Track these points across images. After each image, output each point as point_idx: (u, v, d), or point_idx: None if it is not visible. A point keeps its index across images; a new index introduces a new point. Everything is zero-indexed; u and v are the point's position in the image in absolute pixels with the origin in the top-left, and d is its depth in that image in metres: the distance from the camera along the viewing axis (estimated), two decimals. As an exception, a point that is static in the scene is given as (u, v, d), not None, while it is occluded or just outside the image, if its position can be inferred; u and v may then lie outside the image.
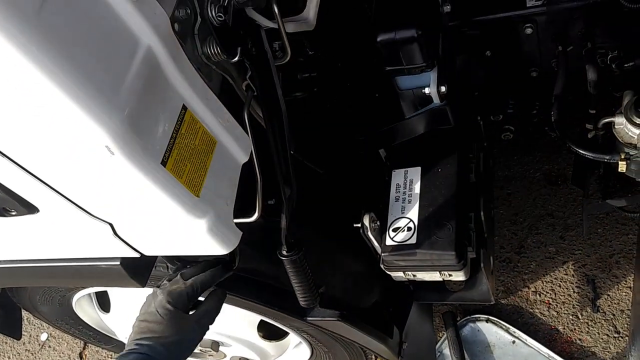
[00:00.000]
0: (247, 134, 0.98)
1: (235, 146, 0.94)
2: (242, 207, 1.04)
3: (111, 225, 0.94)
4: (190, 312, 1.12)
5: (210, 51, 0.90)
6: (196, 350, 2.10)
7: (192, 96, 0.84)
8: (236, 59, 0.95)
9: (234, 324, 1.91)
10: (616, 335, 2.02)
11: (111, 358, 2.82)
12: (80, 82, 0.66)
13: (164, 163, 0.79)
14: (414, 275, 1.57)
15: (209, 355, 2.09)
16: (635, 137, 1.39)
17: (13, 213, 0.92)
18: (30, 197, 0.88)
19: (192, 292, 1.09)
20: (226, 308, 1.60)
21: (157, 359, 1.02)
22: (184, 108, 0.83)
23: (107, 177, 0.77)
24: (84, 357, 2.91)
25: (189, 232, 0.90)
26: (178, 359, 1.06)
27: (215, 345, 2.00)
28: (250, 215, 1.04)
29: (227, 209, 0.95)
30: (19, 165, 0.77)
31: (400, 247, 1.51)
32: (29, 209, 0.90)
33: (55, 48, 0.64)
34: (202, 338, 1.12)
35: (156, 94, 0.77)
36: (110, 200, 0.84)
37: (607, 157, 1.45)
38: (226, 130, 0.92)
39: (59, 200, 0.85)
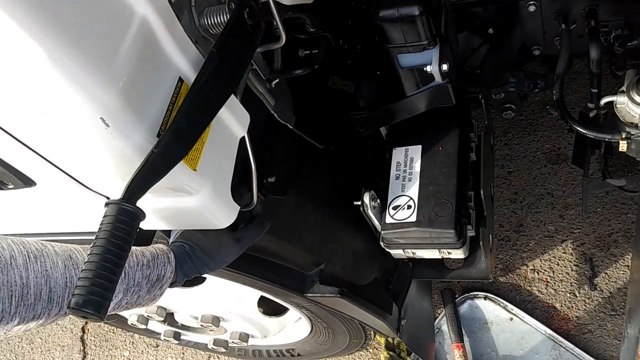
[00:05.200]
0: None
1: (232, 120, 0.94)
2: (242, 182, 1.04)
3: (108, 198, 0.94)
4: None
5: (208, 23, 0.89)
6: (197, 326, 2.13)
7: (189, 68, 0.83)
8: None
9: (235, 299, 1.92)
10: (613, 313, 2.04)
11: (112, 332, 2.86)
12: (74, 54, 0.66)
13: (160, 135, 0.78)
14: (414, 253, 1.58)
15: (210, 331, 2.12)
16: (637, 116, 1.38)
17: (10, 186, 0.92)
18: (26, 170, 0.88)
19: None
20: (227, 284, 1.62)
21: (193, 259, 1.07)
22: (180, 80, 0.82)
23: (103, 150, 0.77)
24: (86, 331, 2.95)
25: (186, 205, 0.91)
26: (208, 268, 1.11)
27: (216, 320, 2.02)
28: (249, 204, 1.06)
29: (224, 182, 0.95)
30: (15, 138, 0.77)
31: (400, 225, 1.51)
32: (26, 182, 0.90)
33: (48, 19, 0.63)
34: (236, 256, 1.17)
35: (151, 65, 0.76)
36: (106, 173, 0.84)
37: (608, 137, 1.44)
38: (223, 103, 0.91)
39: (55, 173, 0.85)
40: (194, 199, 0.90)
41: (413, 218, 1.50)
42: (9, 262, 0.79)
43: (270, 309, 2.01)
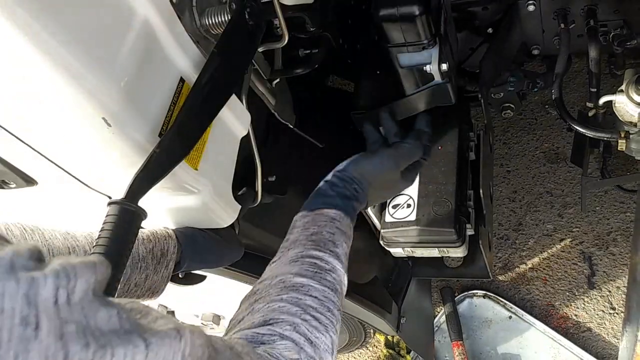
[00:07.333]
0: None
1: (233, 120, 0.94)
2: (242, 181, 1.04)
3: (110, 197, 0.95)
4: None
5: (209, 23, 0.89)
6: (197, 323, 2.13)
7: (190, 68, 0.83)
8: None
9: (235, 298, 1.93)
10: (611, 311, 2.04)
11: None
12: (76, 54, 0.66)
13: (161, 135, 0.79)
14: (413, 252, 1.58)
15: (210, 329, 2.12)
16: (636, 115, 1.38)
17: (12, 185, 0.92)
18: (28, 169, 0.88)
19: None
20: (227, 282, 1.62)
21: (196, 243, 1.05)
22: (182, 80, 0.82)
23: (105, 149, 0.77)
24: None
25: (188, 204, 0.91)
26: (209, 260, 1.10)
27: (217, 318, 2.02)
28: (253, 201, 1.06)
29: (225, 181, 0.95)
30: (17, 137, 0.77)
31: (400, 224, 1.51)
32: (28, 181, 0.90)
33: (49, 18, 0.63)
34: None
35: (153, 65, 0.77)
36: (108, 172, 0.84)
37: (607, 136, 1.45)
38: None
39: (57, 173, 0.85)
40: (195, 198, 0.90)
41: (412, 217, 1.51)
42: (5, 232, 0.78)
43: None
